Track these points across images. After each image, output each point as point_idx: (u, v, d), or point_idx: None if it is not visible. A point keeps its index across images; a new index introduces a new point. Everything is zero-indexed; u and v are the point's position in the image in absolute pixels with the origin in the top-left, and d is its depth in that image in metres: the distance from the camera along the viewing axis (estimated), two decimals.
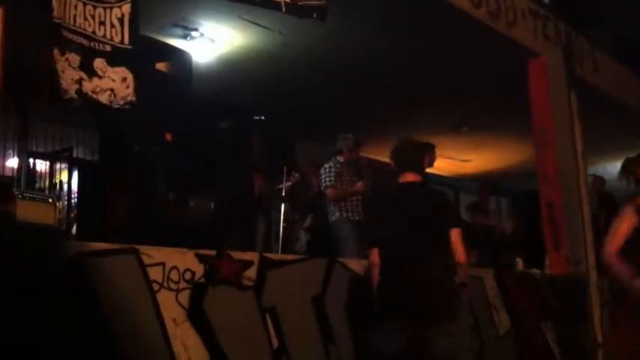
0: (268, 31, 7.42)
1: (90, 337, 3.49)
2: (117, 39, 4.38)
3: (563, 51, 8.42)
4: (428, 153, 7.63)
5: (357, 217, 6.94)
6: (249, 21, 7.17)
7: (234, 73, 8.27)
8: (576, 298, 7.38)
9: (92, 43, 4.25)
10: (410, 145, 4.74)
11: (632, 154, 4.71)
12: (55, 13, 4.08)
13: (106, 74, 4.28)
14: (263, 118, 6.36)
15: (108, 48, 4.32)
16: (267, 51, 7.89)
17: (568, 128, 8.08)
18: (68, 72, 4.10)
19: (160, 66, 5.36)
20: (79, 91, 4.13)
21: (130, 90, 4.33)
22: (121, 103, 4.30)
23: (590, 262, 7.63)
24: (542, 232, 7.88)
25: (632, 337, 4.01)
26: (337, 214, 6.99)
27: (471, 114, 10.42)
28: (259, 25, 7.27)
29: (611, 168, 10.59)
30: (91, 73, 4.20)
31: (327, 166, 7.09)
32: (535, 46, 8.01)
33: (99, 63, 4.26)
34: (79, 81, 4.12)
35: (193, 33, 7.44)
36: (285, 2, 4.96)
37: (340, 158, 7.15)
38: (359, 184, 7.05)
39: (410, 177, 4.54)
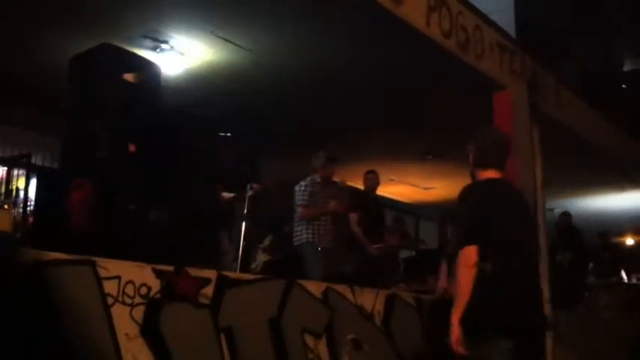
0: (238, 48, 7.41)
1: (41, 347, 3.41)
2: None
3: (528, 85, 8.55)
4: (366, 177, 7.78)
5: (324, 245, 6.86)
6: (220, 37, 7.16)
7: (202, 87, 8.24)
8: None
9: None
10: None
11: (593, 190, 4.78)
12: None
13: None
14: (229, 134, 6.32)
15: None
16: (237, 67, 7.88)
17: (529, 161, 8.19)
18: None
19: (128, 76, 5.30)
20: None
21: None
22: None
23: (545, 295, 7.70)
24: None
25: None
26: (304, 237, 6.89)
27: (436, 143, 10.52)
28: (230, 42, 7.26)
29: (570, 203, 10.81)
30: None
31: (302, 184, 7.00)
32: (501, 78, 8.13)
33: None
34: None
35: (163, 45, 7.39)
36: None
37: (317, 177, 7.08)
38: (332, 204, 6.95)
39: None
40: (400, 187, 13.44)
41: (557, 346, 7.49)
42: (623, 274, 11.81)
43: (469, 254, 3.63)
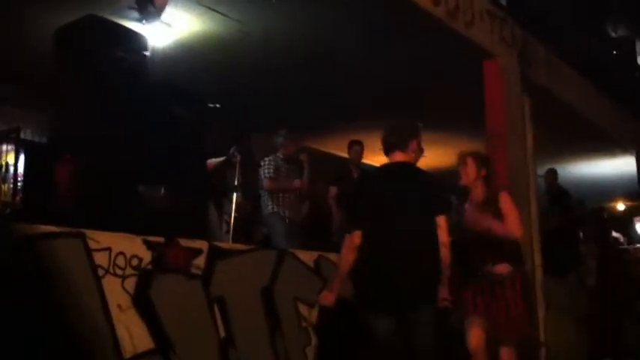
0: (226, 19, 7.34)
1: (33, 319, 3.42)
2: None
3: (519, 54, 8.52)
4: None
5: (287, 214, 7.11)
6: (206, 7, 7.08)
7: (190, 59, 8.15)
8: None
9: None
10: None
11: (581, 157, 4.80)
12: None
13: None
14: (218, 105, 6.29)
15: None
16: (225, 38, 7.80)
17: (520, 130, 8.19)
18: None
19: (115, 49, 5.23)
20: None
21: None
22: None
23: (536, 261, 7.76)
24: None
25: None
26: (270, 208, 7.13)
27: (427, 111, 10.46)
28: (217, 12, 7.19)
29: (560, 169, 10.84)
30: None
31: (267, 159, 7.26)
32: (491, 47, 8.07)
33: None
34: None
35: None
36: None
37: (279, 154, 7.31)
38: (296, 182, 7.23)
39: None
40: None
41: (549, 312, 7.58)
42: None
43: (353, 239, 4.11)
